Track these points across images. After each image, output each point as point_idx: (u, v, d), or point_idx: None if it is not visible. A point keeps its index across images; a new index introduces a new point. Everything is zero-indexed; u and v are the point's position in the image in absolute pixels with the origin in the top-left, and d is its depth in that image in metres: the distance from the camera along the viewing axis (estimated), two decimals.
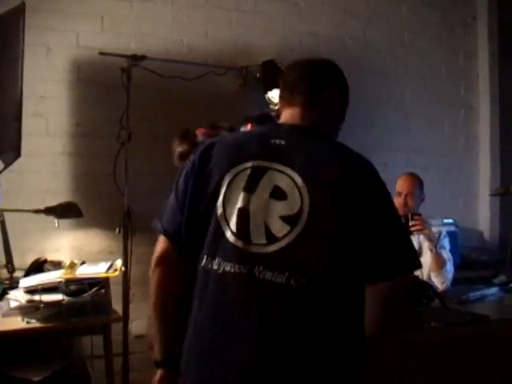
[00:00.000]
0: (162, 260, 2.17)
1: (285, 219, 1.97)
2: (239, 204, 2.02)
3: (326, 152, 2.11)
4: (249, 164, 2.06)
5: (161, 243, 2.18)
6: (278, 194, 2.00)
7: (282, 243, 1.95)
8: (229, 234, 2.00)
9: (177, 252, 2.16)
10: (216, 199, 2.05)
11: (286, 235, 1.95)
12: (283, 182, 2.01)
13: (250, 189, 2.03)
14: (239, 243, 1.98)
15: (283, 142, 2.09)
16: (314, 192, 1.97)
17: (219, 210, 2.03)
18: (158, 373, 2.16)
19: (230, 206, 2.03)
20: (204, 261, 2.04)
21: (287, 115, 2.23)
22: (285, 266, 1.93)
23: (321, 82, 2.25)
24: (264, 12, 5.11)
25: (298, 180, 1.99)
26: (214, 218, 2.04)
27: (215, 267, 2.00)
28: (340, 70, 2.33)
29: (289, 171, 2.02)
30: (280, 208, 1.98)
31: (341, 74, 2.33)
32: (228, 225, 2.02)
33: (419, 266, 2.09)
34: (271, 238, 1.96)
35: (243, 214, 2.01)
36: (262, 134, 2.20)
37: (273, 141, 2.10)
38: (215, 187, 2.06)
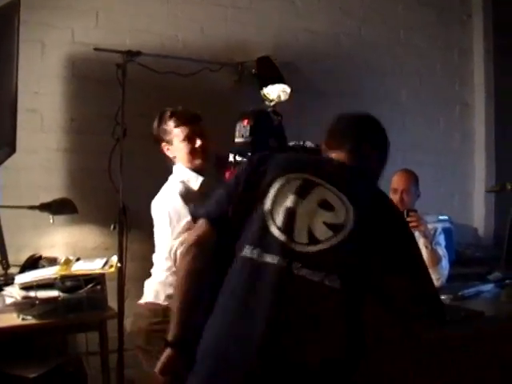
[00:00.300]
0: (200, 242, 2.27)
1: (329, 226, 2.16)
2: (288, 204, 2.19)
3: (367, 187, 2.36)
4: (303, 175, 2.27)
5: (201, 227, 2.29)
6: (326, 205, 2.20)
7: (323, 246, 2.12)
8: (273, 229, 2.16)
9: (215, 237, 2.27)
10: (264, 195, 2.23)
11: (327, 239, 2.13)
12: (332, 198, 2.21)
13: (301, 194, 2.22)
14: (283, 238, 2.14)
15: (332, 170, 2.32)
16: (357, 212, 2.16)
17: (266, 206, 2.21)
18: (167, 353, 2.19)
19: (279, 204, 2.20)
20: (246, 249, 2.17)
21: (333, 156, 2.44)
22: (322, 266, 2.10)
23: (362, 137, 2.51)
24: (259, 9, 5.10)
25: (345, 199, 2.19)
26: (260, 212, 2.21)
27: (255, 257, 2.14)
28: (382, 128, 2.64)
29: (337, 192, 2.22)
30: (326, 216, 2.17)
31: (381, 131, 2.64)
32: (273, 220, 2.18)
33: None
34: (313, 240, 2.14)
35: (291, 213, 2.18)
36: (317, 159, 2.52)
37: (326, 166, 2.36)
38: (267, 184, 2.24)
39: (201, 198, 2.89)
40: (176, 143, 3.35)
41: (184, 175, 3.33)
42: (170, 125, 3.36)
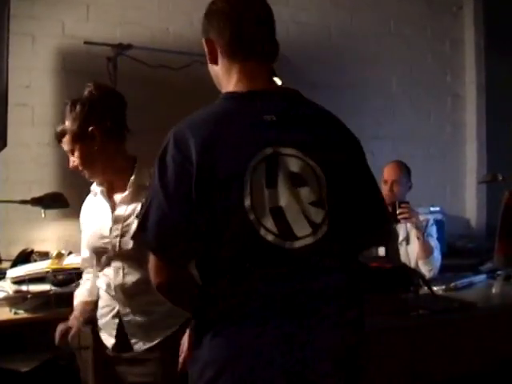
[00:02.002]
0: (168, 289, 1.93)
1: (316, 204, 1.84)
2: (269, 204, 1.80)
3: (321, 121, 1.99)
4: (259, 156, 1.81)
5: (162, 270, 1.86)
6: (297, 181, 1.84)
7: (324, 228, 1.83)
8: (271, 238, 1.78)
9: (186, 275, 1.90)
10: (239, 203, 1.78)
11: (324, 219, 1.84)
12: (297, 167, 1.84)
13: (271, 184, 1.82)
14: (287, 244, 1.79)
15: (275, 118, 1.88)
16: (326, 171, 1.87)
17: (251, 216, 1.77)
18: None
19: (261, 208, 1.79)
20: (240, 273, 1.80)
21: (247, 75, 1.98)
22: (335, 249, 1.87)
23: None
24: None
25: (310, 162, 1.86)
26: (243, 224, 1.78)
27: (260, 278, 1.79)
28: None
29: (295, 152, 1.85)
30: (306, 195, 1.84)
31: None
32: (266, 228, 1.78)
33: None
34: (314, 225, 1.82)
35: (278, 212, 1.81)
36: (250, 112, 1.91)
37: (265, 117, 1.88)
38: (233, 190, 1.79)
39: None
40: None
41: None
42: None
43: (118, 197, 2.76)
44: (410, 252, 4.27)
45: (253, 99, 1.93)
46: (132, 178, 2.70)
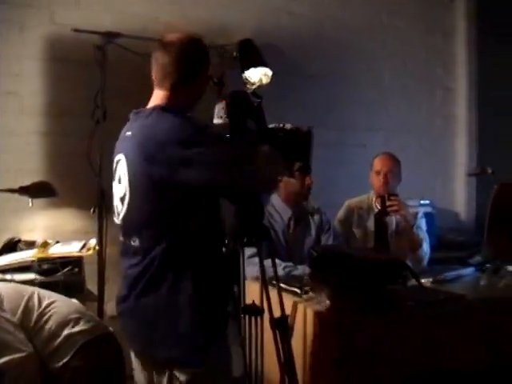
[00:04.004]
0: None
1: (121, 199, 2.48)
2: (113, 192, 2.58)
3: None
4: (116, 158, 2.56)
5: None
6: (119, 179, 2.49)
7: (121, 217, 2.49)
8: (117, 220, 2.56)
9: None
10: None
11: (121, 211, 2.48)
12: (121, 169, 2.47)
13: (114, 178, 2.55)
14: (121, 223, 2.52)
15: (130, 133, 2.49)
16: (130, 170, 2.42)
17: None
18: None
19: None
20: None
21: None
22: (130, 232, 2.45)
23: None
24: None
25: (124, 163, 2.45)
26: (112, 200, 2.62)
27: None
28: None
29: (123, 158, 2.47)
30: (119, 190, 2.50)
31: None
32: (117, 211, 2.56)
33: None
34: (118, 214, 2.52)
35: (116, 199, 2.55)
36: (125, 129, 2.57)
37: (126, 134, 2.52)
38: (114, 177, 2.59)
39: None
40: None
41: None
42: None
43: None
44: (399, 244, 4.26)
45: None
46: None
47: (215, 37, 4.75)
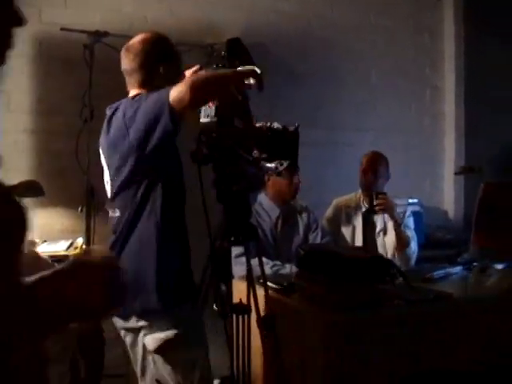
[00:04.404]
0: None
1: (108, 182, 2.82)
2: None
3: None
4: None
5: None
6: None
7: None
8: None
9: None
10: None
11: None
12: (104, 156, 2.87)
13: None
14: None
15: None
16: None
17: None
18: None
19: None
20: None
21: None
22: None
23: None
24: None
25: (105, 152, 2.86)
26: None
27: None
28: None
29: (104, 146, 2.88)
30: (107, 173, 2.84)
31: None
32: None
33: None
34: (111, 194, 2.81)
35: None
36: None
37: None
38: None
39: None
40: None
41: None
42: None
43: None
44: (387, 243, 4.27)
45: None
46: None
47: (204, 35, 4.77)
